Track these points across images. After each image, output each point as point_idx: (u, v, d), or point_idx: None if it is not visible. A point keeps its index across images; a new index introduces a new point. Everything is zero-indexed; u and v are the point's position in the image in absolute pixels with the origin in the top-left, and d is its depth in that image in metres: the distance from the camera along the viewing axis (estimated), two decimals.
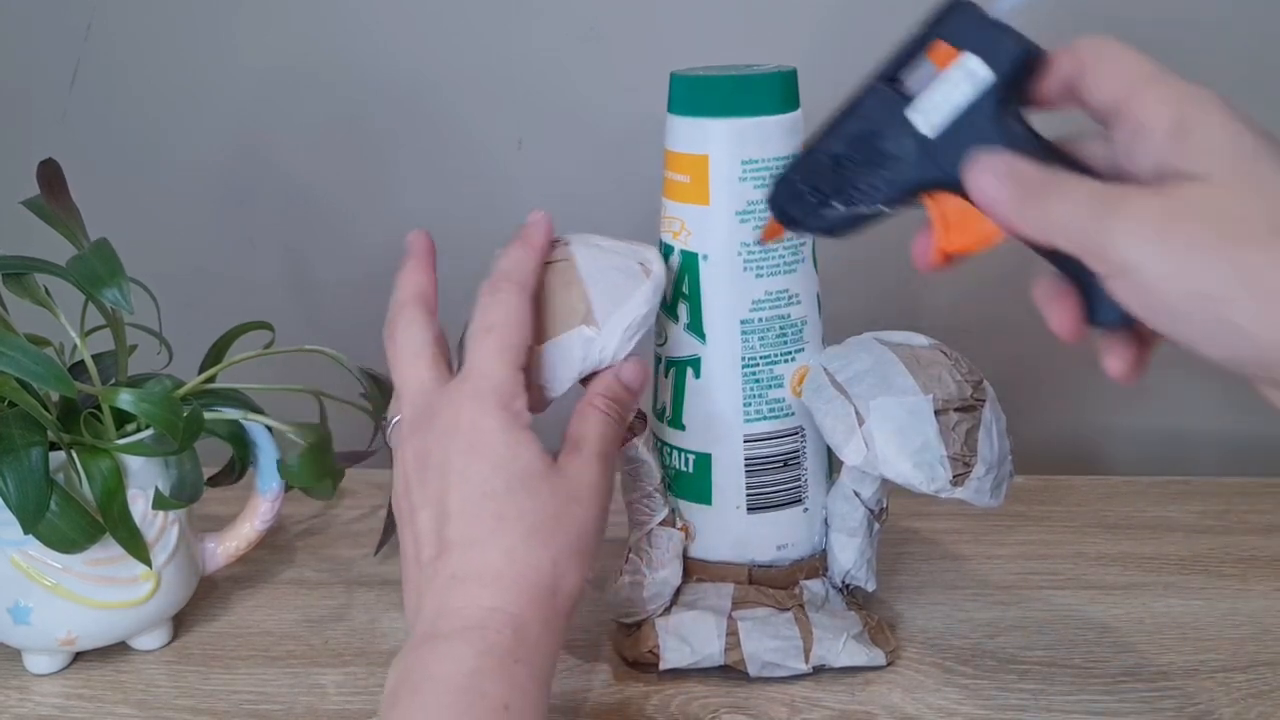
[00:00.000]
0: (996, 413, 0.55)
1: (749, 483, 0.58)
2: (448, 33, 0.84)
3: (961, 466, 0.53)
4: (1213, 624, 0.62)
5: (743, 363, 0.57)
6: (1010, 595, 0.65)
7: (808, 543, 0.60)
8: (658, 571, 0.59)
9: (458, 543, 0.48)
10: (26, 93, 0.88)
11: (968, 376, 0.55)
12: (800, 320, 0.57)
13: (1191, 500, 0.75)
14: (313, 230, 0.89)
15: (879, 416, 0.53)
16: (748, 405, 0.57)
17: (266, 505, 0.63)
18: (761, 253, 0.56)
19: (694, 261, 0.56)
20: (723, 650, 0.56)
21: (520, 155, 0.86)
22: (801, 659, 0.56)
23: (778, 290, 0.56)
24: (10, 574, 0.57)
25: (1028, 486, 0.78)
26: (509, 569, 0.48)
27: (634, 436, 0.57)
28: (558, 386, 0.53)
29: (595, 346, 0.53)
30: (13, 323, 0.57)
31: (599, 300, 0.53)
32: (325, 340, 0.67)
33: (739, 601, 0.58)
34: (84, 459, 0.56)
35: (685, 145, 0.56)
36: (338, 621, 0.64)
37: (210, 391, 0.63)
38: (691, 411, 0.58)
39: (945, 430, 0.53)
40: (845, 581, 0.60)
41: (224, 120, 0.87)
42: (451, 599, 0.47)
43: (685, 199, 0.56)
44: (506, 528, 0.48)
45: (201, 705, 0.57)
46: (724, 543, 0.59)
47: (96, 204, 0.63)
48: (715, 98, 0.55)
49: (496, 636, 0.45)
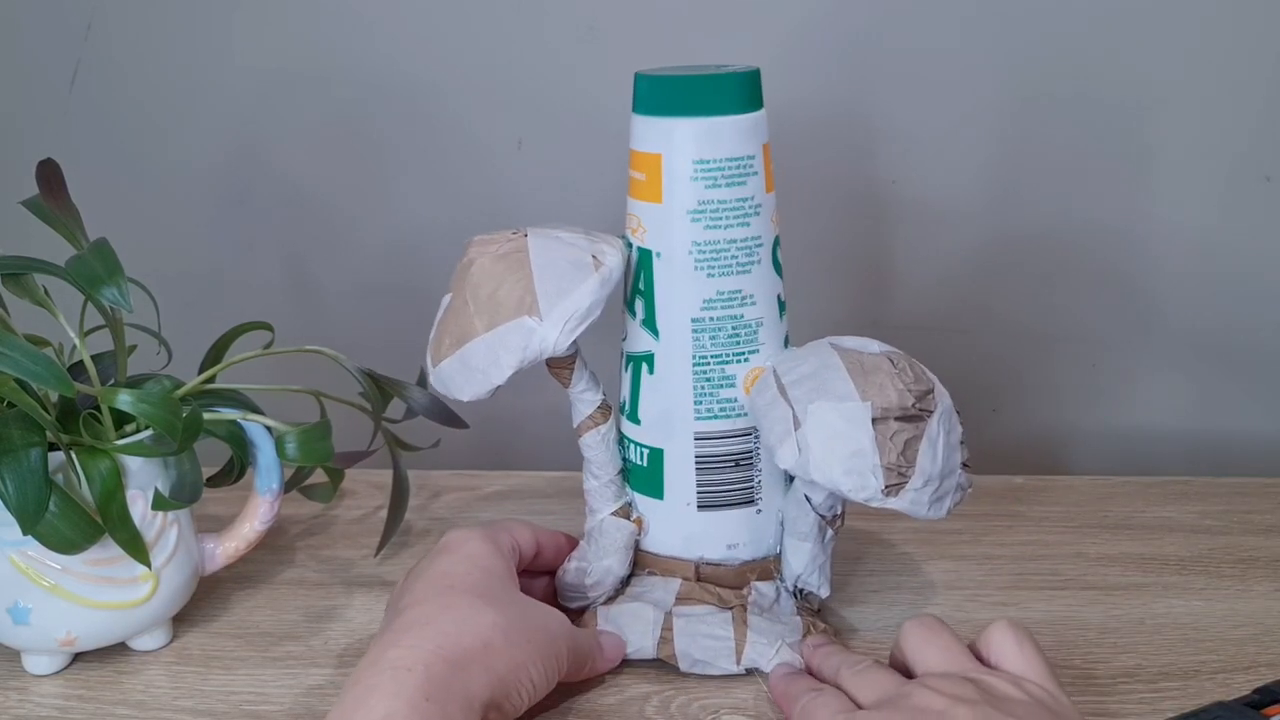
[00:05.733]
0: (948, 425, 0.54)
1: (699, 480, 0.59)
2: (447, 33, 0.84)
3: (896, 477, 0.52)
4: (1213, 625, 0.62)
5: (694, 361, 0.57)
6: (1010, 595, 0.65)
7: (761, 544, 0.60)
8: (603, 560, 0.60)
9: (404, 607, 0.51)
10: (26, 93, 0.88)
11: (912, 386, 0.53)
12: (755, 321, 0.57)
13: (1191, 500, 0.75)
14: (313, 230, 0.89)
15: (815, 421, 0.52)
16: (698, 403, 0.58)
17: (266, 505, 0.63)
18: (713, 252, 0.56)
19: (649, 258, 0.57)
20: (655, 644, 0.58)
21: (520, 155, 0.86)
22: (733, 660, 0.57)
23: (730, 290, 0.57)
24: (9, 574, 0.57)
25: (1028, 486, 0.78)
26: (441, 615, 0.50)
27: (595, 427, 0.59)
28: (498, 375, 0.55)
29: (536, 337, 0.54)
30: (12, 323, 0.57)
31: (544, 291, 0.55)
32: (325, 340, 0.67)
33: (683, 598, 0.59)
34: (83, 459, 0.56)
35: (643, 144, 0.57)
36: (338, 622, 0.64)
37: (210, 392, 0.63)
38: (646, 406, 0.59)
39: (882, 439, 0.52)
40: (797, 586, 0.60)
41: (224, 120, 0.87)
42: (382, 654, 0.48)
43: (642, 197, 0.57)
44: (453, 593, 0.51)
45: (201, 706, 0.57)
46: (674, 538, 0.60)
47: (96, 204, 0.63)
48: (671, 98, 0.55)
49: (407, 674, 0.46)
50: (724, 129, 0.55)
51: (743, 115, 0.55)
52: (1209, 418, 0.88)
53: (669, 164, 0.55)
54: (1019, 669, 0.48)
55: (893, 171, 0.84)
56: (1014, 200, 0.84)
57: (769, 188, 0.57)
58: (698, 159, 0.55)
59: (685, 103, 0.55)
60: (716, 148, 0.55)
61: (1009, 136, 0.82)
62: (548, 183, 0.86)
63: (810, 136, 0.81)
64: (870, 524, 0.73)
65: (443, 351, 0.57)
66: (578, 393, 0.59)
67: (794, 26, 0.81)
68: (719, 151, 0.55)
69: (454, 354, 0.56)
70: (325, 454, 0.61)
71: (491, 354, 0.55)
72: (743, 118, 0.55)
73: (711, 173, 0.55)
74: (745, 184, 0.56)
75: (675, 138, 0.55)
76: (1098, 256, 0.84)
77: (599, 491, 0.61)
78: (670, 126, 0.55)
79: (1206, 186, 0.83)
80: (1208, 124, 0.82)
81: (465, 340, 0.56)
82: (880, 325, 0.85)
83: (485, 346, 0.55)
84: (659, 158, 0.56)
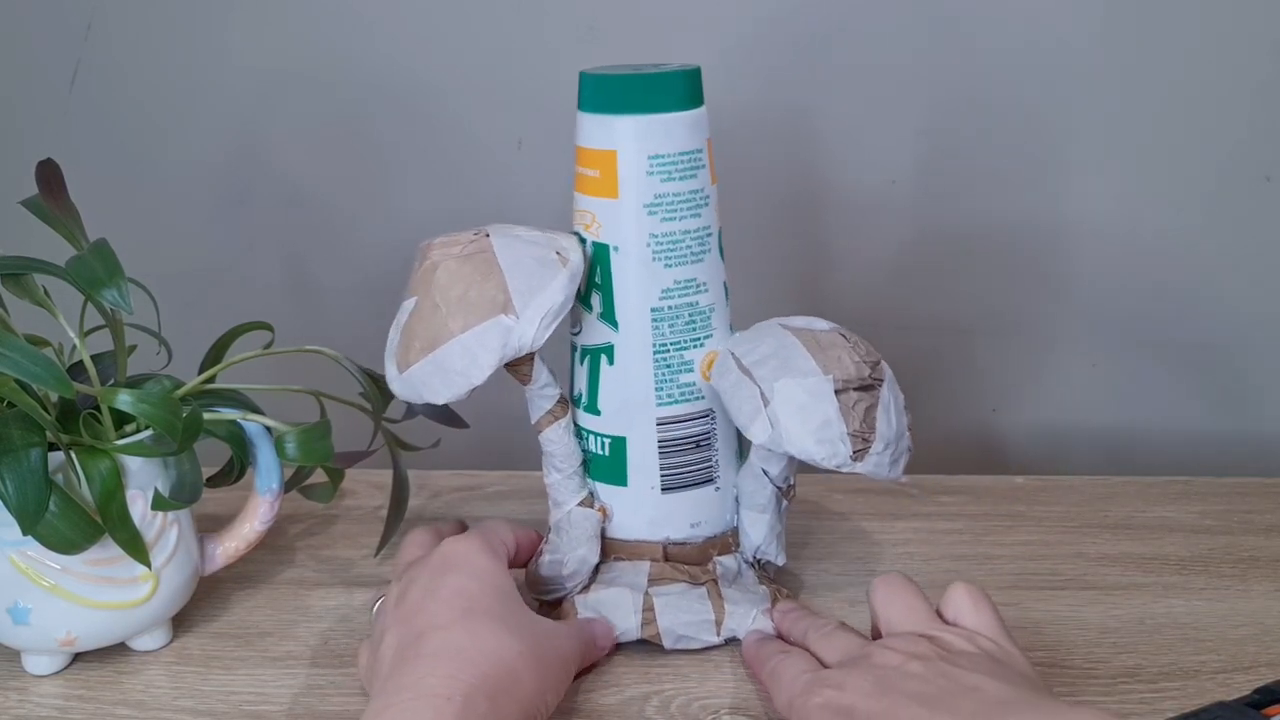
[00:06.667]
0: (895, 392, 0.58)
1: (662, 464, 0.60)
2: (447, 33, 0.84)
3: (861, 443, 0.55)
4: (1213, 625, 0.62)
5: (654, 349, 0.59)
6: (1010, 595, 0.65)
7: (720, 520, 0.62)
8: (576, 550, 0.61)
9: (425, 629, 0.51)
10: (26, 93, 0.88)
11: (865, 357, 0.57)
12: (709, 307, 0.60)
13: (1191, 500, 0.75)
14: (313, 230, 0.89)
15: (782, 397, 0.55)
16: (659, 389, 0.60)
17: (266, 505, 0.63)
18: (669, 243, 0.58)
19: (605, 253, 0.58)
20: (639, 625, 0.59)
21: (520, 155, 0.86)
22: (713, 632, 0.59)
23: (686, 279, 0.59)
24: (9, 574, 0.57)
25: (1028, 486, 0.78)
26: (470, 645, 0.50)
27: (556, 420, 0.60)
28: (478, 375, 0.55)
29: (514, 334, 0.55)
30: (12, 323, 0.57)
31: (517, 289, 0.56)
32: (325, 340, 0.67)
33: (655, 578, 0.61)
34: (83, 459, 0.56)
35: (594, 141, 0.58)
36: (338, 621, 0.64)
37: (210, 392, 0.63)
38: (606, 397, 0.60)
39: (845, 409, 0.55)
40: (756, 556, 0.63)
41: (223, 120, 0.87)
42: (408, 677, 0.49)
43: (595, 193, 0.58)
44: (474, 618, 0.52)
45: (201, 706, 0.57)
46: (640, 522, 0.62)
47: (96, 204, 0.63)
48: (622, 96, 0.57)
49: (446, 704, 0.47)
50: (675, 124, 0.57)
51: (690, 111, 0.57)
52: (1211, 417, 0.88)
53: (624, 160, 0.57)
54: (974, 624, 0.52)
55: (893, 172, 0.84)
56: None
57: (714, 180, 0.59)
58: (652, 154, 0.57)
59: (636, 100, 0.57)
60: (669, 143, 0.57)
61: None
62: (547, 183, 0.86)
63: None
64: (871, 524, 0.73)
65: (412, 355, 0.57)
66: (538, 389, 0.60)
67: (806, 28, 0.82)
68: (671, 146, 0.57)
69: (426, 357, 0.56)
70: (325, 454, 0.61)
71: (469, 354, 0.55)
72: (690, 113, 0.57)
73: (666, 167, 0.57)
74: (696, 177, 0.58)
75: (628, 134, 0.57)
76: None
77: (562, 484, 0.62)
78: (622, 124, 0.57)
79: (1201, 187, 0.83)
80: (1207, 124, 0.82)
81: (438, 343, 0.56)
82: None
83: (462, 347, 0.55)
84: (613, 154, 0.57)
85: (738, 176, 0.68)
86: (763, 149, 0.84)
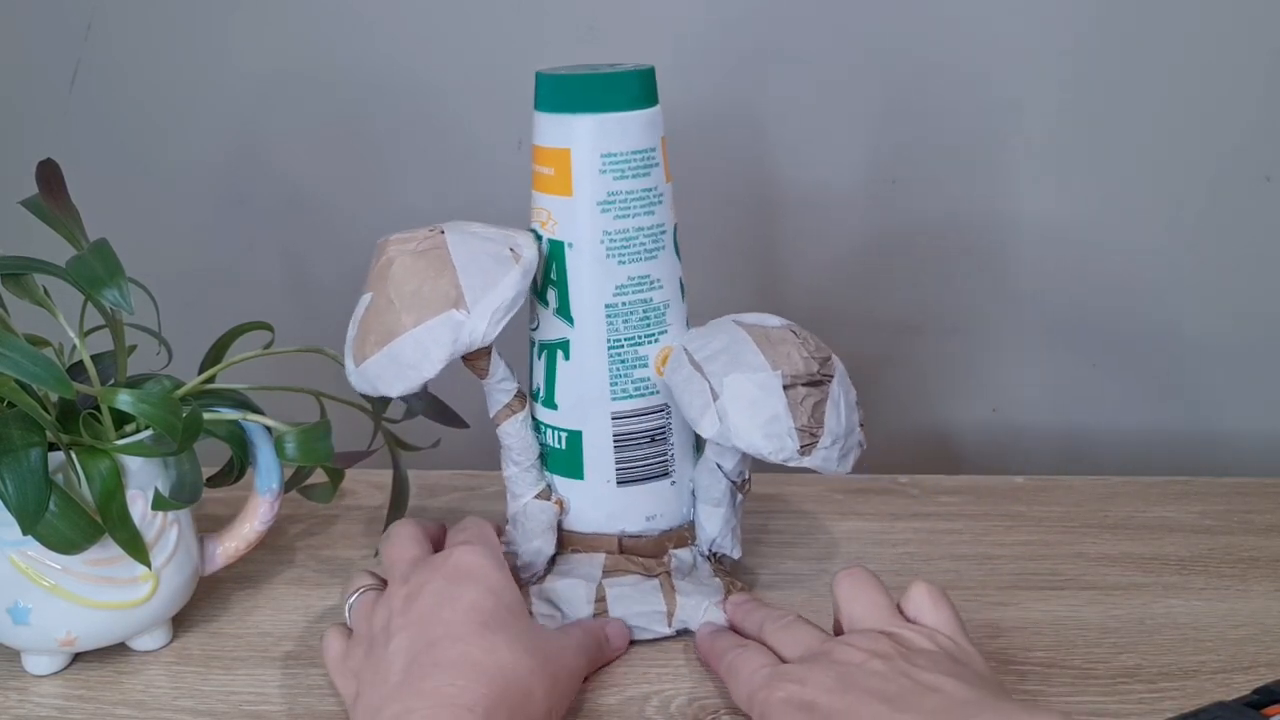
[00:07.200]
0: (845, 387, 0.58)
1: (618, 457, 0.61)
2: (447, 33, 0.84)
3: (809, 437, 0.56)
4: (1213, 625, 0.62)
5: (609, 344, 0.60)
6: (1010, 595, 0.65)
7: (676, 514, 0.63)
8: (531, 542, 0.62)
9: (441, 639, 0.51)
10: (26, 93, 0.88)
11: (815, 354, 0.57)
12: (663, 304, 0.61)
13: (1191, 500, 0.75)
14: (313, 230, 0.89)
15: (731, 392, 0.56)
16: (614, 384, 0.60)
17: (266, 505, 0.63)
18: (623, 240, 0.59)
19: (560, 250, 0.59)
20: (592, 615, 0.60)
21: (520, 155, 0.86)
22: (665, 623, 0.60)
23: (640, 276, 0.60)
24: (9, 574, 0.57)
25: (1028, 487, 0.78)
26: (487, 659, 0.50)
27: (513, 414, 0.61)
28: (429, 368, 0.56)
29: (465, 329, 0.56)
30: (12, 323, 0.57)
31: (469, 285, 0.56)
32: (325, 340, 0.67)
33: (610, 570, 0.62)
34: (83, 459, 0.56)
35: (550, 140, 0.59)
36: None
37: (210, 392, 0.63)
38: (562, 391, 0.61)
39: (793, 404, 0.56)
40: (712, 550, 0.64)
41: (223, 120, 0.87)
42: (425, 684, 0.49)
43: (550, 190, 0.59)
44: (490, 633, 0.52)
45: (201, 706, 0.57)
46: (596, 515, 0.63)
47: (96, 204, 0.63)
48: (576, 95, 0.57)
49: (469, 714, 0.47)
50: (628, 123, 0.58)
51: (643, 110, 0.58)
52: (1209, 418, 0.88)
53: (577, 158, 0.58)
54: (933, 623, 0.52)
55: (893, 171, 0.84)
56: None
57: (668, 178, 0.60)
58: (605, 152, 0.58)
59: (590, 100, 0.57)
60: (622, 141, 0.58)
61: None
62: None
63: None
64: (870, 524, 0.73)
65: (368, 349, 0.58)
66: (495, 382, 0.60)
67: (807, 27, 0.81)
68: (624, 145, 0.58)
69: (380, 351, 0.57)
70: (325, 454, 0.61)
71: (421, 348, 0.56)
72: (643, 112, 0.58)
73: (619, 165, 0.58)
74: (649, 175, 0.59)
75: (582, 133, 0.58)
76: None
77: (520, 477, 0.63)
78: (576, 123, 0.58)
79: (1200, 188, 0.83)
80: (1205, 124, 0.82)
81: (392, 337, 0.57)
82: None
83: (414, 341, 0.56)
84: (567, 152, 0.58)
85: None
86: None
